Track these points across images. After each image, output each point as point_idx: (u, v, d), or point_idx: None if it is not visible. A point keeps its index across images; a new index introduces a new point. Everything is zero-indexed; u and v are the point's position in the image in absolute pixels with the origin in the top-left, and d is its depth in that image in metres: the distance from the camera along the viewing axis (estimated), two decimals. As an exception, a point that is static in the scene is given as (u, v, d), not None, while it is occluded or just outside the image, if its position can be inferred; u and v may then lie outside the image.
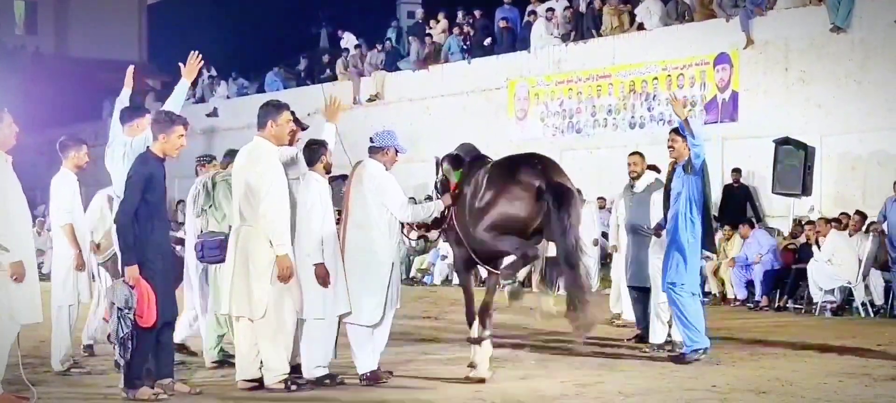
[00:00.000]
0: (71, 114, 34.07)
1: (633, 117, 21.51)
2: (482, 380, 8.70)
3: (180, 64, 8.93)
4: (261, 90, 31.45)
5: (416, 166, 23.62)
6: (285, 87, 30.63)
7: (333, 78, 29.02)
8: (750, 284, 16.40)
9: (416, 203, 9.74)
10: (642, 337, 11.10)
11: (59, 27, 43.93)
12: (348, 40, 29.20)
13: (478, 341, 8.85)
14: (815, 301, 15.18)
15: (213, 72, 33.39)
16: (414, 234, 9.44)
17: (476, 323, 8.90)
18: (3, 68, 36.56)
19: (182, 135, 8.10)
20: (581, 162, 20.85)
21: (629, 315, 13.11)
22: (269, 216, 8.05)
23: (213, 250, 8.99)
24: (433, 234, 9.57)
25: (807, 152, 17.40)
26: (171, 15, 43.65)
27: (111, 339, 7.81)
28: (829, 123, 18.35)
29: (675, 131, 10.12)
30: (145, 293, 7.69)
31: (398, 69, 27.36)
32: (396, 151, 8.83)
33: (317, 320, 8.39)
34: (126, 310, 7.68)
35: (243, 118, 13.70)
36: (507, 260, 8.68)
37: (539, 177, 8.36)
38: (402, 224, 8.94)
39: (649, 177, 11.43)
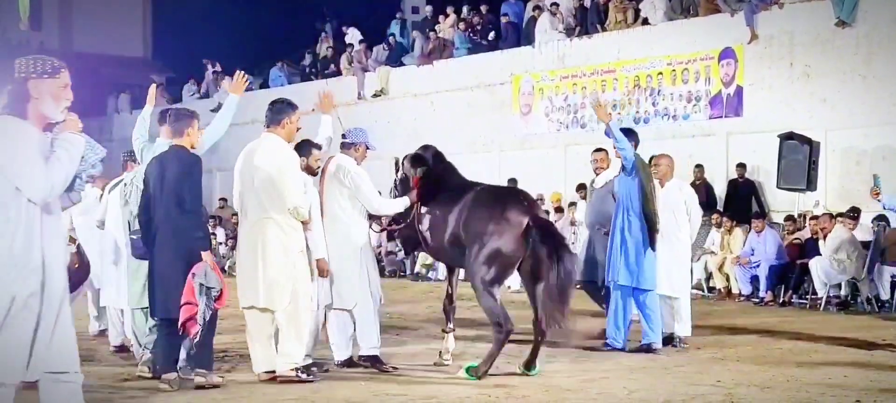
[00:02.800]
0: (76, 109, 34.01)
1: (637, 112, 21.50)
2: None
3: (228, 78, 9.37)
4: (265, 85, 31.47)
5: (420, 161, 23.73)
6: (289, 83, 30.63)
7: (338, 73, 29.03)
8: (755, 279, 16.41)
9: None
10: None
11: (64, 22, 43.93)
12: (353, 36, 29.18)
13: (448, 330, 9.56)
14: (819, 296, 15.18)
15: (218, 68, 33.40)
16: (376, 227, 9.91)
17: (452, 315, 9.64)
18: (7, 63, 36.60)
19: (199, 129, 8.58)
20: (585, 157, 20.60)
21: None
22: (302, 212, 8.50)
23: (140, 249, 8.91)
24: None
25: (812, 147, 17.38)
26: (176, 11, 43.59)
27: (198, 320, 8.01)
28: (834, 118, 18.34)
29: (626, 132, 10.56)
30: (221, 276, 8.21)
31: (402, 64, 27.37)
32: (367, 147, 9.38)
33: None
34: (215, 291, 8.03)
35: (248, 113, 13.67)
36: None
37: (526, 214, 8.79)
38: (371, 217, 9.41)
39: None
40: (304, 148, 9.04)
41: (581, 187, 17.93)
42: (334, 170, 9.12)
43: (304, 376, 8.44)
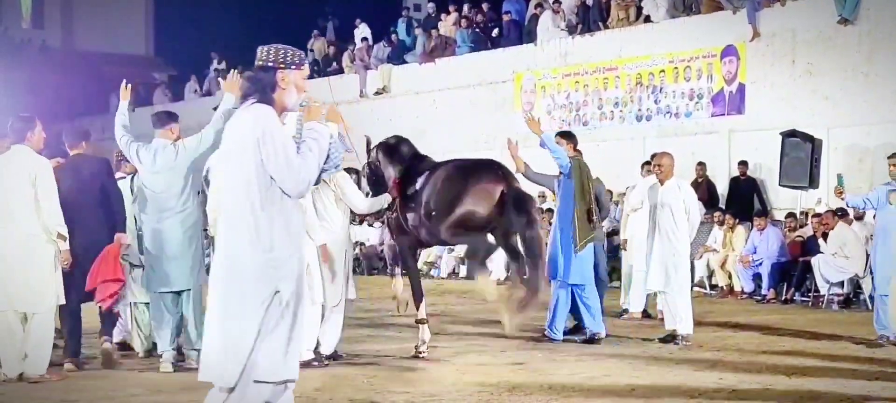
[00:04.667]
0: (78, 107, 34.15)
1: (639, 110, 21.50)
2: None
3: (221, 80, 9.58)
4: (267, 83, 31.45)
5: (422, 159, 23.73)
6: (292, 80, 30.64)
7: (340, 71, 29.03)
8: (757, 277, 16.41)
9: None
10: (575, 329, 11.51)
11: (66, 21, 43.95)
12: (364, 31, 29.14)
13: (423, 321, 9.95)
14: (821, 293, 15.17)
15: (221, 65, 33.40)
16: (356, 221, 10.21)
17: (423, 303, 9.97)
18: (10, 62, 36.56)
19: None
20: (588, 154, 20.53)
21: (635, 308, 13.19)
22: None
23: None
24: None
25: (814, 144, 17.36)
26: (178, 8, 43.63)
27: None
28: (836, 115, 18.33)
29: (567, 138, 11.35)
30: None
31: (405, 62, 27.36)
32: (346, 151, 9.49)
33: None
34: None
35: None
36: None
37: (502, 182, 9.31)
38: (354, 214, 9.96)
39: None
40: None
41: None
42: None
43: (315, 364, 9.06)
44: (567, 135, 11.40)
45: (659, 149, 12.54)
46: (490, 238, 9.52)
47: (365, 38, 28.70)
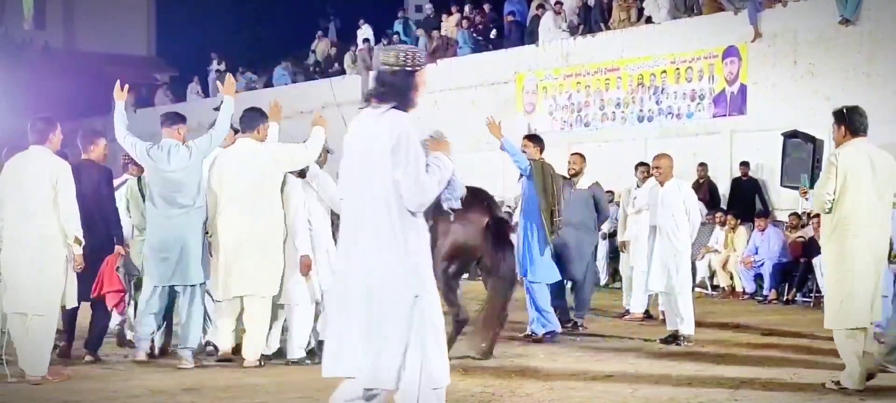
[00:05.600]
0: (79, 107, 34.16)
1: (641, 111, 21.49)
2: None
3: (219, 83, 9.75)
4: (269, 84, 31.47)
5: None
6: (293, 81, 30.65)
7: (342, 72, 29.04)
8: (758, 277, 16.41)
9: None
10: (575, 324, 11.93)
11: (68, 21, 44.00)
12: (366, 32, 29.15)
13: None
14: (823, 294, 15.14)
15: (222, 67, 33.43)
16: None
17: None
18: (11, 62, 36.56)
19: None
20: (589, 155, 20.56)
21: (637, 309, 13.21)
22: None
23: None
24: None
25: (815, 145, 17.22)
26: (180, 9, 43.67)
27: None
28: (838, 116, 18.30)
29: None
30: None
31: (406, 63, 27.30)
32: (327, 152, 9.83)
33: (298, 306, 9.35)
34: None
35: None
36: None
37: (487, 213, 9.66)
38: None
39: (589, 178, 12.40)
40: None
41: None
42: (310, 178, 9.64)
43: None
44: (534, 139, 11.74)
45: (661, 149, 12.58)
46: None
47: (367, 39, 28.69)
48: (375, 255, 5.27)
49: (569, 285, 12.28)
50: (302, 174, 9.48)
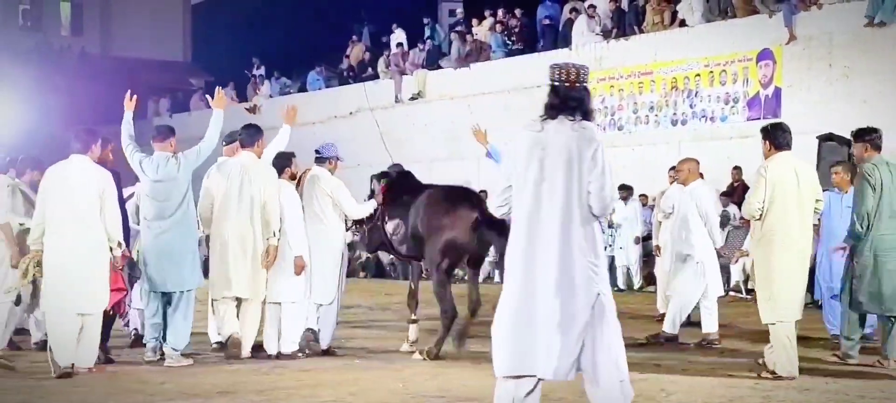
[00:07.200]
0: (116, 113, 34.34)
1: (675, 114, 21.44)
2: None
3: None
4: (303, 89, 31.62)
5: (456, 164, 23.75)
6: (327, 86, 30.77)
7: (375, 77, 29.12)
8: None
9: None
10: None
11: (105, 27, 44.36)
12: (399, 36, 29.25)
13: (414, 321, 10.70)
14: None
15: (261, 70, 33.61)
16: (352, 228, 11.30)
17: (417, 306, 10.73)
18: (50, 68, 37.02)
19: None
20: (623, 159, 20.77)
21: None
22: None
23: None
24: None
25: (851, 148, 17.21)
26: (215, 15, 43.95)
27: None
28: (874, 119, 17.97)
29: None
30: None
31: (440, 67, 27.41)
32: (338, 159, 10.56)
33: (292, 303, 9.95)
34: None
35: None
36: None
37: (475, 209, 9.97)
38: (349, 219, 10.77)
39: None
40: (285, 158, 10.20)
41: (622, 188, 17.88)
42: (314, 179, 10.30)
43: (307, 353, 10.12)
44: None
45: (695, 153, 12.60)
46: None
47: (400, 44, 28.78)
48: (564, 257, 5.72)
49: None
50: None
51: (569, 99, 5.86)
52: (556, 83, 5.90)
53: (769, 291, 8.88)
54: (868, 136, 9.98)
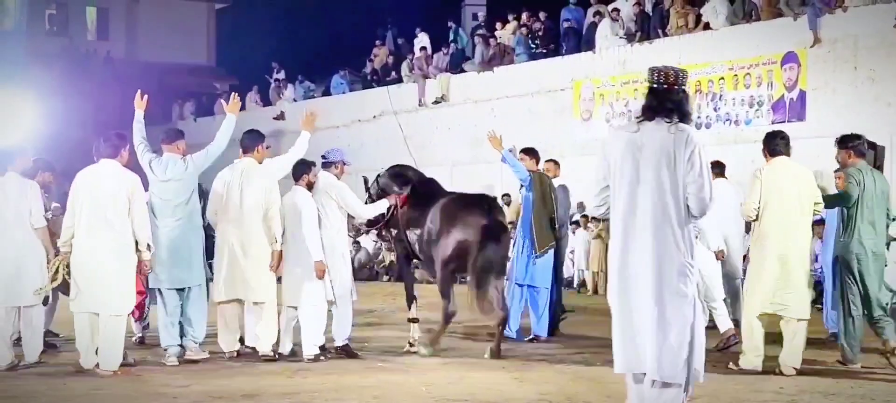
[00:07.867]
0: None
1: (699, 117, 21.35)
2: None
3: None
4: (327, 93, 31.70)
5: (480, 167, 23.76)
6: (351, 90, 30.83)
7: (399, 80, 29.16)
8: (818, 285, 16.19)
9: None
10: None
11: (130, 32, 44.60)
12: (422, 40, 29.30)
13: (414, 320, 10.89)
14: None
15: (281, 75, 33.72)
16: (365, 229, 11.68)
17: (414, 304, 10.91)
18: (76, 73, 37.26)
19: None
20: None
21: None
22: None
23: None
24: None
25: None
26: (240, 19, 44.07)
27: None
28: (900, 122, 18.07)
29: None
30: None
31: (463, 71, 27.43)
32: (344, 164, 10.66)
33: (312, 307, 10.05)
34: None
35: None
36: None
37: (486, 216, 10.32)
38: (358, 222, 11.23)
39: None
40: (305, 166, 10.33)
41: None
42: (321, 185, 10.37)
43: (322, 357, 10.14)
44: (530, 151, 12.46)
45: (718, 156, 12.55)
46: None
47: (424, 47, 28.82)
48: (660, 257, 5.90)
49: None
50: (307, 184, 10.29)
51: (666, 101, 5.98)
52: (655, 85, 6.01)
53: (751, 287, 9.38)
54: (852, 143, 10.52)
